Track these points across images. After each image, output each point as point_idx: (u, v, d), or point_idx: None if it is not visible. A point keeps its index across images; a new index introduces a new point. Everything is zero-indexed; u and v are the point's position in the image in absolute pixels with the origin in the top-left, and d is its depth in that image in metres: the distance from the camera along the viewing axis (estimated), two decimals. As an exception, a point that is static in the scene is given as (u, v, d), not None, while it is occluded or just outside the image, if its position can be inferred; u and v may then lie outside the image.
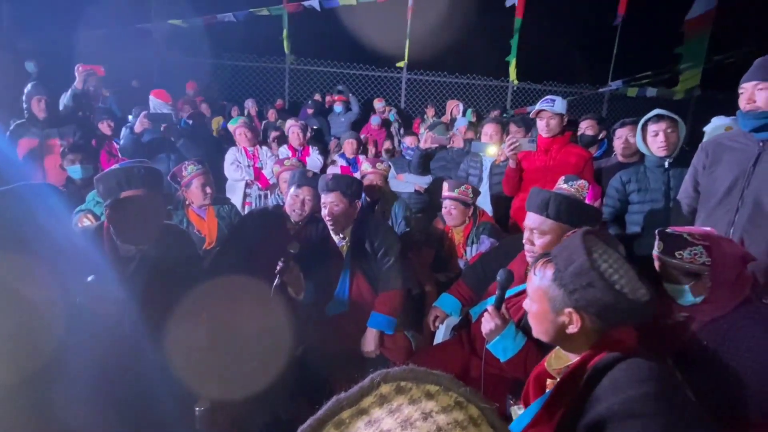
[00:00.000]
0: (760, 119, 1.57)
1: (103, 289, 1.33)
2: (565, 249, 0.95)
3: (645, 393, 0.74)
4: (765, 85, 1.56)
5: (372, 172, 2.94)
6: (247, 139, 3.46)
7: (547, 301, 0.94)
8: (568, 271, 0.90)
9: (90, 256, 1.43)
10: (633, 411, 0.73)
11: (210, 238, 2.39)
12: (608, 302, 0.86)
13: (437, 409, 0.41)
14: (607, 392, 0.79)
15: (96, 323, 1.30)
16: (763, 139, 1.62)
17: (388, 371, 0.45)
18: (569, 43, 8.44)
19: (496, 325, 1.35)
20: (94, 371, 1.22)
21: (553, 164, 2.50)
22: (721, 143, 1.76)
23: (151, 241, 1.54)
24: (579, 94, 7.78)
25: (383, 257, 1.99)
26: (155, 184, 1.53)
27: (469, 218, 2.49)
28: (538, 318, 0.98)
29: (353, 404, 0.43)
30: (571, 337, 0.93)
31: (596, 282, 0.86)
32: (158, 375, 1.35)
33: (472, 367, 1.61)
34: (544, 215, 1.47)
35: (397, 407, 0.41)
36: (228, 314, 1.75)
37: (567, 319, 0.92)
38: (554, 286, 0.93)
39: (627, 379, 0.78)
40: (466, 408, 0.42)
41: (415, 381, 0.44)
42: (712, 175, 1.74)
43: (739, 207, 1.63)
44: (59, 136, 2.88)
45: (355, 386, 0.45)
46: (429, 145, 3.32)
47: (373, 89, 7.34)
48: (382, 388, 0.44)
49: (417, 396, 0.42)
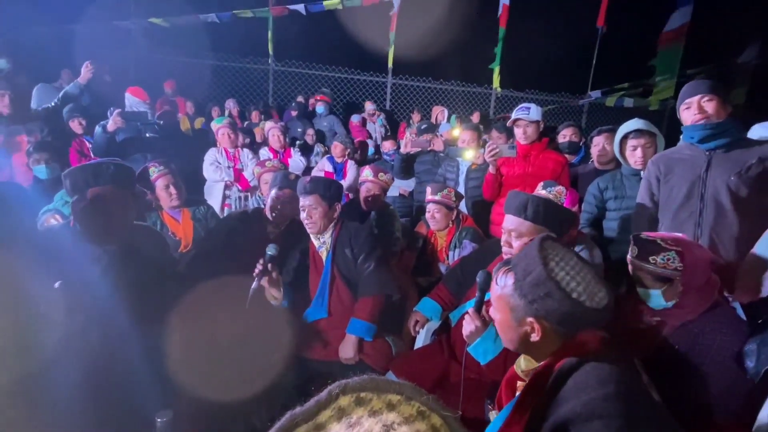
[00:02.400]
0: (706, 130, 1.70)
1: (70, 296, 1.28)
2: (524, 258, 0.95)
3: (607, 394, 0.75)
4: (710, 97, 1.72)
5: (372, 180, 2.69)
6: (229, 140, 3.40)
7: (509, 311, 0.94)
8: (526, 281, 0.91)
9: (55, 257, 1.37)
10: (595, 412, 0.73)
11: (186, 241, 2.32)
12: (566, 311, 0.87)
13: (399, 420, 0.40)
14: (571, 394, 0.79)
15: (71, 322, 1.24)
16: (709, 148, 1.74)
17: (347, 382, 0.44)
18: (551, 53, 8.65)
19: (477, 327, 1.35)
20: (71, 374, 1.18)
21: (532, 170, 2.56)
22: (670, 157, 1.88)
23: (120, 242, 1.48)
24: (559, 102, 7.97)
25: (363, 262, 1.96)
26: (125, 183, 1.48)
27: (452, 222, 2.49)
28: (502, 327, 0.99)
29: (309, 419, 0.41)
30: (535, 344, 0.93)
31: (553, 292, 0.87)
32: (133, 377, 1.30)
33: (452, 372, 1.60)
34: (522, 217, 1.49)
35: (357, 420, 0.40)
36: (203, 318, 1.70)
37: (529, 328, 0.92)
38: (515, 295, 0.93)
39: (590, 381, 0.79)
40: (429, 417, 0.41)
41: (375, 391, 0.42)
42: (668, 184, 1.86)
43: (702, 209, 1.75)
44: (26, 132, 2.76)
45: (312, 399, 0.43)
46: (410, 149, 3.32)
47: (358, 93, 7.34)
48: (340, 400, 0.42)
49: (378, 407, 0.41)
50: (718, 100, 1.72)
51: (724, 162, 1.71)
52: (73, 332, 1.25)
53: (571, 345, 0.91)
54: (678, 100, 1.85)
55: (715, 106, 1.72)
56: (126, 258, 1.50)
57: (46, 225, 1.96)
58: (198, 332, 1.63)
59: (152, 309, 1.45)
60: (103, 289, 1.38)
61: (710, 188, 1.72)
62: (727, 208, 1.69)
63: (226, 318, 1.69)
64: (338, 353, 1.87)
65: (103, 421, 1.19)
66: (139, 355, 1.35)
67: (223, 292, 1.69)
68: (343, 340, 1.88)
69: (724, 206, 1.70)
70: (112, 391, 1.25)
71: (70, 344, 1.21)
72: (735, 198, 1.68)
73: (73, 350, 1.23)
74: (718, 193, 1.71)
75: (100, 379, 1.23)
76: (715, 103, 1.72)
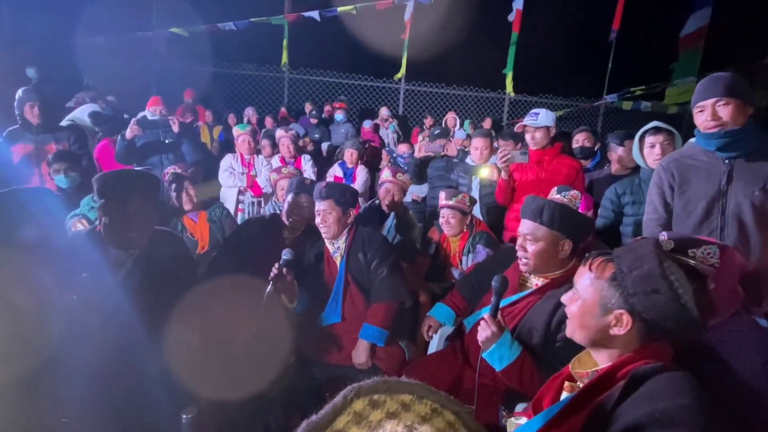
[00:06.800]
0: (723, 138, 1.55)
1: (97, 284, 1.33)
2: (632, 252, 0.95)
3: (687, 405, 0.75)
4: (727, 101, 1.54)
5: (391, 181, 2.71)
6: (248, 147, 3.47)
7: (598, 299, 0.94)
8: (633, 273, 0.90)
9: (84, 257, 1.43)
10: (674, 419, 0.73)
11: (202, 243, 2.40)
12: (669, 312, 0.87)
13: (417, 419, 0.41)
14: (645, 400, 0.79)
15: (89, 323, 1.29)
16: (729, 156, 1.59)
17: (360, 385, 0.44)
18: (565, 57, 8.58)
19: (493, 332, 1.34)
20: (87, 373, 1.22)
21: (545, 175, 2.54)
22: (684, 162, 1.72)
23: (142, 246, 1.53)
24: (574, 106, 7.88)
25: (377, 268, 1.97)
26: (147, 189, 1.54)
27: (466, 227, 2.49)
28: (581, 313, 0.97)
29: (327, 426, 0.41)
30: (611, 339, 0.93)
31: (664, 291, 0.87)
32: (150, 378, 1.34)
33: (466, 378, 1.59)
34: (538, 222, 1.48)
35: (378, 423, 0.41)
36: (221, 319, 1.73)
37: (614, 321, 0.92)
38: (611, 285, 0.92)
39: (667, 390, 0.79)
40: (442, 414, 0.42)
41: (387, 392, 0.43)
42: (683, 196, 1.70)
43: (724, 227, 1.61)
44: (54, 141, 2.88)
45: (328, 405, 0.44)
46: (423, 154, 3.33)
47: (371, 99, 7.40)
48: (355, 404, 0.42)
49: (393, 409, 0.42)
50: (735, 104, 1.54)
51: (746, 173, 1.56)
52: (92, 331, 1.29)
53: (648, 350, 0.90)
54: (692, 100, 1.67)
55: (732, 111, 1.54)
56: (148, 262, 1.55)
57: (73, 230, 2.04)
58: (213, 334, 1.66)
59: (170, 312, 1.50)
60: (124, 292, 1.43)
61: (731, 204, 1.58)
62: (750, 226, 1.56)
63: (242, 321, 1.73)
64: (351, 358, 1.88)
65: (117, 420, 1.23)
66: (154, 356, 1.39)
67: (239, 295, 1.73)
68: (356, 346, 1.89)
69: (746, 224, 1.57)
70: (126, 390, 1.29)
71: (87, 343, 1.25)
72: (759, 214, 1.54)
73: (99, 344, 1.27)
74: (740, 210, 1.57)
75: (114, 377, 1.27)
76: (732, 107, 1.54)
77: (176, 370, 1.37)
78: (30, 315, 1.17)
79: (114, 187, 1.48)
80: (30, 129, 2.87)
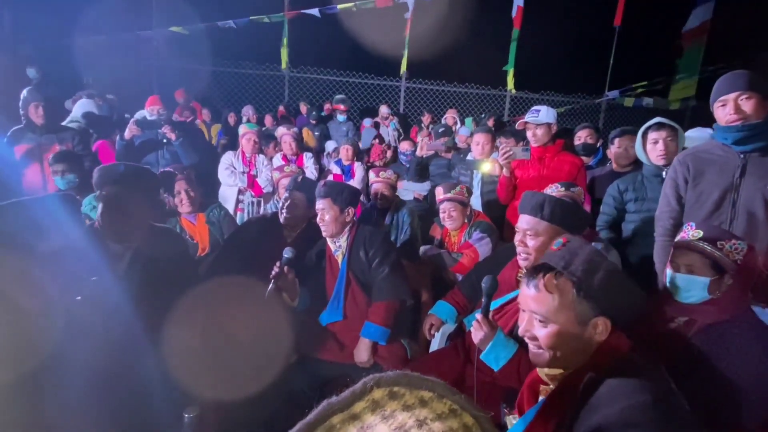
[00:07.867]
0: (742, 131, 1.56)
1: (102, 287, 1.34)
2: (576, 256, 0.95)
3: (643, 402, 0.74)
4: (749, 94, 1.55)
5: (377, 180, 2.88)
6: (252, 147, 3.45)
7: (575, 317, 0.92)
8: (595, 278, 0.91)
9: (85, 256, 1.44)
10: (630, 420, 0.73)
11: (202, 244, 2.38)
12: (631, 302, 0.91)
13: (432, 416, 0.40)
14: (604, 401, 0.78)
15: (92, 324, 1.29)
16: (744, 151, 1.61)
17: (381, 375, 0.44)
18: (566, 53, 8.53)
19: (486, 333, 1.35)
20: (88, 372, 1.22)
21: (547, 172, 2.54)
22: (699, 156, 1.73)
23: (137, 241, 1.55)
24: (576, 103, 7.85)
25: (378, 267, 1.97)
26: (136, 183, 1.55)
27: (466, 219, 2.50)
28: (561, 337, 0.92)
29: (345, 409, 0.42)
30: (591, 344, 0.93)
31: (624, 282, 0.92)
32: (151, 378, 1.35)
33: (467, 376, 1.59)
34: (538, 217, 1.48)
35: (391, 413, 0.40)
36: (223, 318, 1.73)
37: (593, 329, 0.92)
38: (580, 299, 0.91)
39: (624, 389, 0.78)
40: (461, 416, 0.41)
41: (408, 387, 0.43)
42: (696, 188, 1.71)
43: (733, 219, 1.62)
44: (58, 141, 2.88)
45: (347, 390, 0.44)
46: (425, 152, 3.33)
47: (372, 97, 7.38)
48: (374, 393, 0.43)
49: (411, 402, 0.41)
50: (757, 98, 1.54)
51: (760, 167, 1.57)
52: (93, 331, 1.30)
53: (605, 348, 0.91)
54: (711, 95, 1.67)
55: (755, 105, 1.54)
56: (147, 259, 1.55)
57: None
58: (215, 333, 1.67)
59: (171, 310, 1.50)
60: (124, 290, 1.44)
61: (743, 196, 1.59)
62: (760, 219, 1.57)
63: (243, 320, 1.73)
64: (353, 356, 1.88)
65: (118, 420, 1.23)
66: (155, 355, 1.39)
67: (240, 294, 1.73)
68: (357, 344, 1.89)
69: (757, 217, 1.57)
70: (127, 389, 1.29)
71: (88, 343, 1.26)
72: None
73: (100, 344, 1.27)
74: (751, 203, 1.58)
75: (115, 376, 1.27)
76: (754, 101, 1.54)
77: (177, 370, 1.37)
78: (31, 315, 1.17)
79: (111, 178, 1.50)
80: (34, 129, 2.88)
